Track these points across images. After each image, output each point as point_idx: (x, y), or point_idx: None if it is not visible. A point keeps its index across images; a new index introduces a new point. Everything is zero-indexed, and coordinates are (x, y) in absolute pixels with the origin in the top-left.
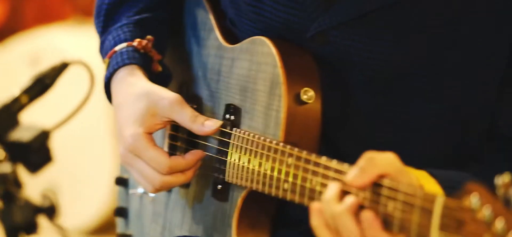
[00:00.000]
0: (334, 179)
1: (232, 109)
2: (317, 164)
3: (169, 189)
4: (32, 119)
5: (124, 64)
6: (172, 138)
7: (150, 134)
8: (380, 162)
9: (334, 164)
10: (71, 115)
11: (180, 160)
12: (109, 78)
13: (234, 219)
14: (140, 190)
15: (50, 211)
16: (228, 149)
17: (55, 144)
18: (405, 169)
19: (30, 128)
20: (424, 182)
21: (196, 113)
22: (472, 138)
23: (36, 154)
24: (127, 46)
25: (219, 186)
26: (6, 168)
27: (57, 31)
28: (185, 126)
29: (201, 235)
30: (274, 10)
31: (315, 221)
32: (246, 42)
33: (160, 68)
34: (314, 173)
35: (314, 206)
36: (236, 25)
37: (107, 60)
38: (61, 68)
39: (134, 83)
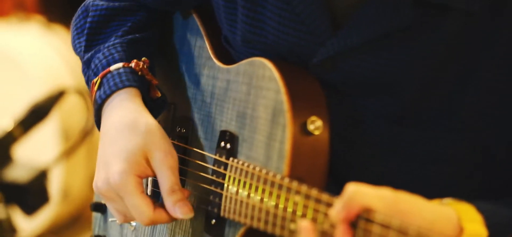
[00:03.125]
0: None
1: (228, 136)
2: (329, 205)
3: None
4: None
5: (124, 86)
6: (154, 184)
7: (140, 177)
8: (366, 195)
9: None
10: (70, 150)
11: (164, 215)
12: (104, 100)
13: None
14: None
15: None
16: (224, 180)
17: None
18: (412, 203)
19: (26, 166)
20: (465, 218)
21: (177, 187)
22: (495, 164)
23: (34, 195)
24: (124, 66)
25: (213, 221)
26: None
27: None
28: (161, 190)
29: None
30: (276, 31)
31: None
32: (243, 63)
33: (159, 94)
34: (326, 215)
35: None
36: (231, 45)
37: (98, 80)
38: (57, 96)
39: (132, 112)
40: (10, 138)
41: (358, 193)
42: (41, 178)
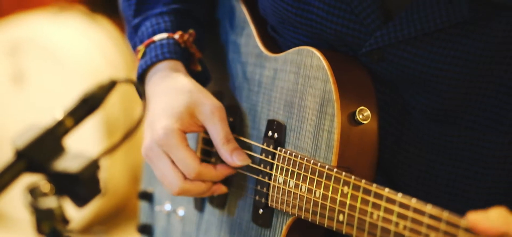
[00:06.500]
0: (399, 214)
1: (275, 125)
2: (378, 196)
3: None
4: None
5: (165, 59)
6: (206, 142)
7: (184, 132)
8: None
9: (399, 197)
10: (122, 141)
11: (211, 169)
12: (145, 69)
13: None
14: (168, 207)
15: None
16: (272, 170)
17: None
18: None
19: (77, 156)
20: None
21: (231, 136)
22: None
23: (86, 186)
24: (168, 38)
25: (261, 211)
26: (51, 202)
27: (37, 19)
28: (214, 143)
29: None
30: (325, 21)
31: None
32: (291, 52)
33: (199, 68)
34: (375, 206)
35: None
36: (278, 33)
37: (142, 48)
38: (110, 86)
39: (176, 78)
40: (61, 128)
41: (509, 218)
42: (93, 168)
